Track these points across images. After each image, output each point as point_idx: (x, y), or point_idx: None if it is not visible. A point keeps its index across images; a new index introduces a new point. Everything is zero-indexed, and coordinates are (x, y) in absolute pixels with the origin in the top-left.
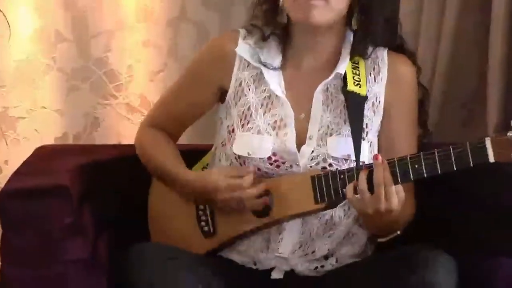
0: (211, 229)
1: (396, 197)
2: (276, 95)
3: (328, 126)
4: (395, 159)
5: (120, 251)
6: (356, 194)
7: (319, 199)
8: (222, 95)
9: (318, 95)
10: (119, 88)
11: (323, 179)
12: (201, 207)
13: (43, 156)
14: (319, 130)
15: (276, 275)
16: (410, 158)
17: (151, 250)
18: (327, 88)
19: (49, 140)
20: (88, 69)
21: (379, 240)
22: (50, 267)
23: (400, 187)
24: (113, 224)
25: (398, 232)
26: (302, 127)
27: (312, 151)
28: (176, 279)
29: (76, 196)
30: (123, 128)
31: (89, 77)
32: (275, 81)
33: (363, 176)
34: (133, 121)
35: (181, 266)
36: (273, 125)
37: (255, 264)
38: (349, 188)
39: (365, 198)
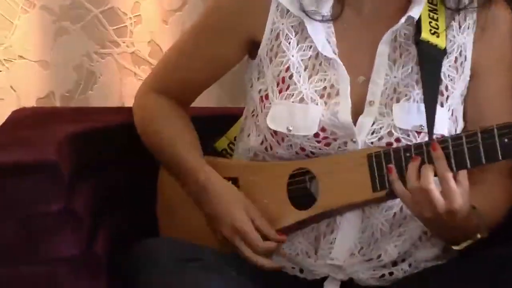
0: None
1: (458, 194)
2: (325, 56)
3: (394, 89)
4: (463, 135)
5: (124, 247)
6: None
7: (377, 185)
8: (252, 49)
9: (383, 47)
10: (122, 33)
11: (382, 158)
12: None
13: (23, 123)
14: (382, 94)
15: (330, 286)
16: (496, 128)
17: (165, 247)
18: (396, 38)
19: (30, 102)
20: (81, 7)
21: (454, 247)
22: (33, 266)
23: (463, 174)
24: (114, 211)
25: (479, 236)
26: (360, 92)
27: (373, 123)
28: (199, 286)
29: (67, 175)
30: (128, 86)
31: (83, 18)
32: (322, 37)
33: (412, 168)
34: (140, 76)
35: (204, 269)
36: (321, 92)
37: (302, 271)
38: (411, 170)
39: (416, 198)
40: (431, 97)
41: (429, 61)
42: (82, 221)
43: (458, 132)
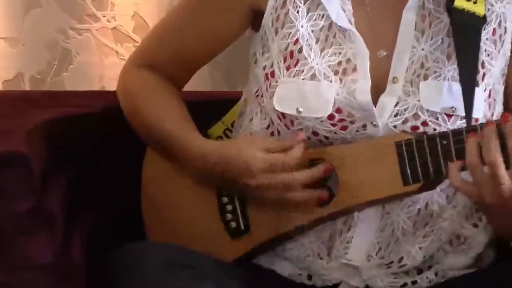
0: (242, 225)
1: None
2: (340, 26)
3: (422, 64)
4: None
5: (104, 252)
6: (464, 170)
7: (410, 178)
8: (255, 19)
9: (409, 15)
10: (102, 5)
11: (414, 146)
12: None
13: None
14: (407, 70)
15: None
16: None
17: (151, 252)
18: (423, 4)
19: None
20: None
21: None
22: (0, 274)
23: None
24: (93, 211)
25: None
26: (381, 68)
27: (397, 103)
28: None
29: (39, 169)
30: (109, 67)
31: None
32: (336, 5)
33: (472, 143)
34: (123, 56)
35: (198, 278)
36: (335, 67)
37: (310, 278)
38: (453, 163)
39: (476, 178)
40: (469, 75)
41: (465, 32)
42: (56, 222)
43: (495, 117)
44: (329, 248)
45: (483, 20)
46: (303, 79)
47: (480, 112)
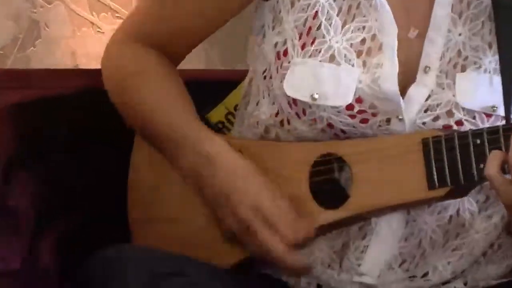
0: None
1: None
2: None
3: (459, 52)
4: None
5: (81, 258)
6: (505, 173)
7: (435, 181)
8: None
9: None
10: None
11: (443, 145)
12: None
13: None
14: (442, 58)
15: None
16: None
17: (136, 258)
18: None
19: None
20: None
21: None
22: None
23: None
24: (68, 210)
25: None
26: (411, 52)
27: (428, 97)
28: None
29: (3, 161)
30: (83, 41)
31: None
32: None
33: None
34: (100, 28)
35: (189, 287)
36: (358, 46)
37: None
38: (491, 163)
39: None
40: (511, 67)
41: (509, 16)
42: (23, 224)
43: None
44: (341, 258)
45: None
46: (320, 60)
47: None
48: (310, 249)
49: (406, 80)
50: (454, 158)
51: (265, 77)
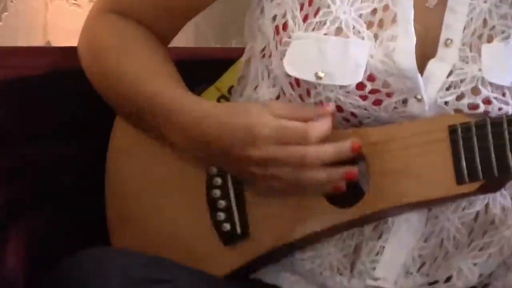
0: (238, 228)
1: None
2: None
3: (485, 21)
4: None
5: (53, 262)
6: None
7: (465, 175)
8: None
9: None
10: None
11: (474, 133)
12: (218, 180)
13: None
14: (465, 29)
15: None
16: None
17: (114, 262)
18: None
19: None
20: None
21: None
22: None
23: None
24: (36, 209)
25: None
26: (430, 23)
27: (450, 72)
28: None
29: None
30: (55, 15)
31: None
32: None
33: None
34: (76, 0)
35: None
36: (368, 17)
37: None
38: None
39: None
40: None
41: None
42: None
43: None
44: (353, 262)
45: None
46: (326, 34)
47: None
48: (316, 253)
49: (424, 55)
50: (486, 148)
51: (263, 56)
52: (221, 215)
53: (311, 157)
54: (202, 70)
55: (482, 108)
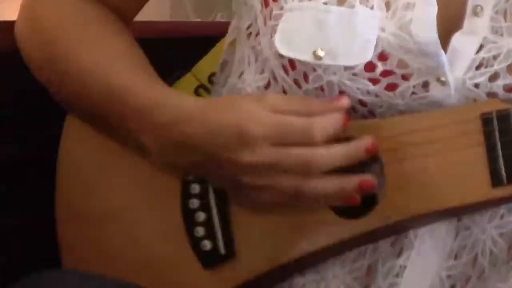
0: (221, 247)
1: None
2: None
3: None
4: None
5: None
6: None
7: (503, 176)
8: None
9: None
10: None
11: None
12: (195, 187)
13: None
14: None
15: None
16: None
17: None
18: None
19: None
20: None
21: None
22: None
23: None
24: None
25: None
26: None
27: (481, 47)
28: None
29: None
30: None
31: None
32: None
33: None
34: None
35: None
36: None
37: None
38: None
39: None
40: None
41: None
42: None
43: None
44: (367, 287)
45: None
46: (326, 3)
47: None
48: (319, 276)
49: (447, 27)
50: None
51: (249, 35)
52: (200, 231)
53: (318, 162)
54: (178, 52)
55: None
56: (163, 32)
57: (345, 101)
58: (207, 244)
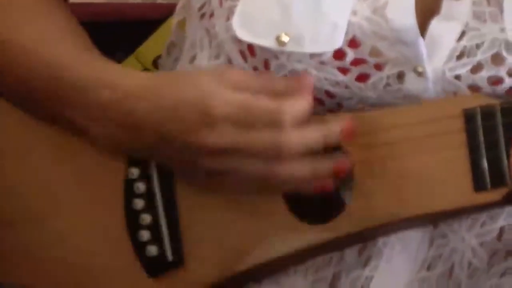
0: (169, 253)
1: None
2: None
3: None
4: None
5: None
6: None
7: (486, 179)
8: None
9: None
10: None
11: (499, 121)
12: (140, 186)
13: None
14: None
15: None
16: None
17: None
18: None
19: None
20: None
21: None
22: None
23: None
24: None
25: None
26: None
27: (462, 34)
28: None
29: None
30: None
31: None
32: None
33: None
34: None
35: None
36: None
37: None
38: None
39: None
40: None
41: None
42: None
43: None
44: None
45: None
46: None
47: None
48: (278, 286)
49: (425, 12)
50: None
51: (202, 16)
52: (145, 235)
53: (290, 146)
54: (118, 34)
55: (508, 83)
56: (102, 13)
57: (309, 80)
58: (152, 250)
